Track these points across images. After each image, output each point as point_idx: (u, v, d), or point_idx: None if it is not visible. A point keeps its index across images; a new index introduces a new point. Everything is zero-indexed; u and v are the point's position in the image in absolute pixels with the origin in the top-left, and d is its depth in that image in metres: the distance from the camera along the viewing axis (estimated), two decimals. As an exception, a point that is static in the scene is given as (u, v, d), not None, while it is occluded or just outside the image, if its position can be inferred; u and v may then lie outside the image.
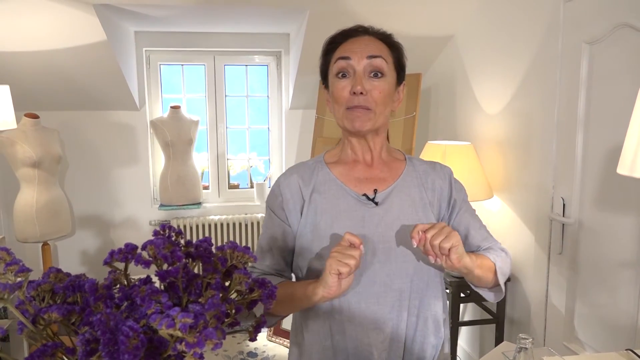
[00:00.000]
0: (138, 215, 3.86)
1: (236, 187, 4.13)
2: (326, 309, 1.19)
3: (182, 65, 3.90)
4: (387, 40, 1.22)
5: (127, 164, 3.80)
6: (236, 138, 4.09)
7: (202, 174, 4.06)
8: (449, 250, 1.04)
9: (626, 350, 1.27)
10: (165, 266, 0.80)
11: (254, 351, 3.33)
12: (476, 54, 2.95)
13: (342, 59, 1.17)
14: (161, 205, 3.81)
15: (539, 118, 2.37)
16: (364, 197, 1.20)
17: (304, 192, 1.24)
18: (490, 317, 2.68)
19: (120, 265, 0.89)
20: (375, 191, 1.21)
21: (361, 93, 1.14)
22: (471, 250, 1.27)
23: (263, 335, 3.47)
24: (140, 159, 3.81)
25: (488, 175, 2.74)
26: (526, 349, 0.98)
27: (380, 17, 2.93)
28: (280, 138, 4.02)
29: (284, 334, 3.41)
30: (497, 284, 1.22)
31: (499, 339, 2.61)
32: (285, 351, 3.33)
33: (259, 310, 0.94)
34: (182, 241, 0.88)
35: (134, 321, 0.73)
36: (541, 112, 2.36)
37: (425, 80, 3.53)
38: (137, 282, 0.86)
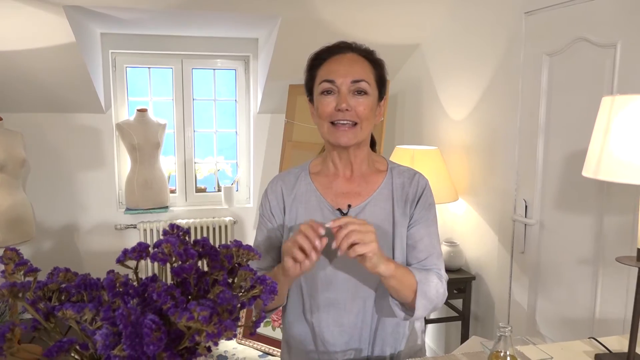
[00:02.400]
0: (103, 219, 3.80)
1: (203, 190, 4.13)
2: (300, 312, 1.31)
3: (149, 68, 3.87)
4: (369, 57, 1.27)
5: (92, 168, 3.74)
6: (203, 142, 4.09)
7: (169, 177, 4.04)
8: (362, 255, 1.07)
9: (589, 338, 1.38)
10: (178, 263, 0.84)
11: (223, 354, 3.34)
12: (442, 62, 3.07)
13: (327, 81, 1.22)
14: (127, 209, 3.77)
15: (502, 124, 2.51)
16: (338, 212, 1.27)
17: (286, 199, 1.32)
18: (455, 314, 2.80)
19: (124, 265, 0.92)
20: (349, 206, 1.28)
21: (346, 110, 1.19)
22: (411, 263, 1.27)
23: (215, 345, 3.47)
24: (105, 162, 3.76)
25: (453, 178, 2.86)
26: (506, 336, 1.06)
27: (349, 26, 3.01)
28: (248, 142, 4.05)
29: (254, 337, 3.43)
30: (413, 304, 1.19)
31: (464, 336, 2.73)
32: (255, 353, 3.35)
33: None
34: (190, 240, 0.92)
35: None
36: (504, 119, 2.49)
37: (392, 87, 3.64)
38: (144, 280, 0.89)
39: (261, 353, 3.35)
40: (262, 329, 3.41)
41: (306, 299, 1.29)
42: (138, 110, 3.71)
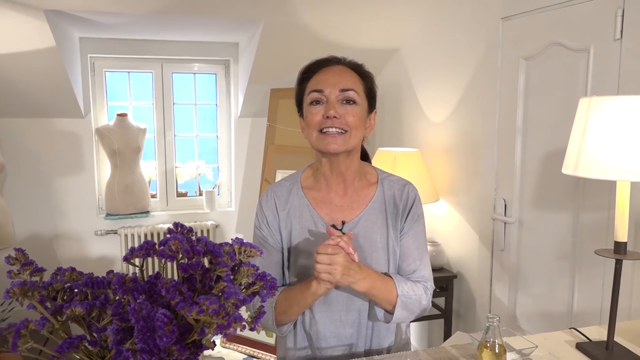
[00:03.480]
0: (83, 225, 3.75)
1: (184, 195, 4.12)
2: (300, 323, 1.35)
3: (128, 72, 3.85)
4: (358, 70, 1.30)
5: (71, 173, 3.70)
6: (184, 146, 4.09)
7: (150, 182, 4.02)
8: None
9: (570, 329, 1.45)
10: (185, 260, 0.86)
11: (207, 357, 3.34)
12: (421, 66, 3.14)
13: (316, 91, 1.25)
14: (107, 215, 3.74)
15: (481, 126, 2.58)
16: (333, 228, 1.29)
17: (281, 214, 1.34)
18: (438, 312, 2.86)
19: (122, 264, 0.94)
20: (343, 223, 1.31)
21: (334, 117, 1.22)
22: (401, 274, 1.33)
23: (216, 341, 3.48)
24: (85, 167, 3.72)
25: (434, 179, 2.93)
26: (494, 326, 1.11)
27: (331, 30, 3.06)
28: (229, 146, 4.06)
29: (238, 339, 3.44)
30: (393, 311, 1.26)
31: (447, 333, 2.79)
32: (239, 356, 3.36)
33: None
34: (193, 238, 0.95)
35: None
36: (483, 121, 2.57)
37: (371, 91, 3.70)
38: (148, 278, 0.92)
39: (245, 356, 3.36)
40: (247, 332, 3.42)
41: (305, 312, 1.33)
42: (118, 114, 3.69)
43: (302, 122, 1.33)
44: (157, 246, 0.88)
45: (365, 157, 1.43)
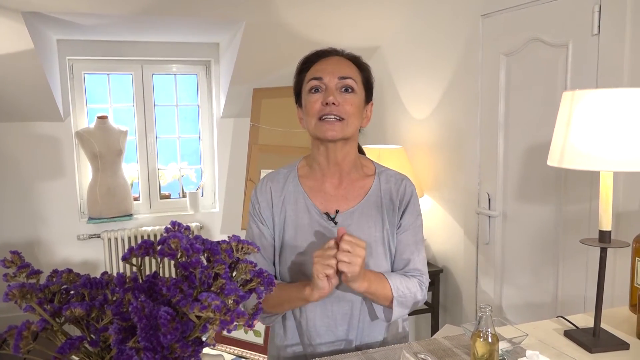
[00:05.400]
0: (65, 230, 3.70)
1: (167, 197, 4.09)
2: (291, 315, 1.36)
3: (108, 74, 3.81)
4: (356, 61, 1.33)
5: (51, 177, 3.65)
6: (166, 148, 4.06)
7: (132, 184, 3.98)
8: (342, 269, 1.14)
9: (557, 317, 1.48)
10: (184, 258, 0.87)
11: None
12: (402, 64, 3.17)
13: (315, 79, 1.27)
14: (90, 219, 3.70)
15: (464, 122, 2.62)
16: (326, 216, 1.30)
17: (275, 201, 1.34)
18: (425, 307, 2.89)
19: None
20: (336, 212, 1.31)
21: (333, 103, 1.23)
22: (396, 269, 1.34)
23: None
24: (65, 171, 3.67)
25: (418, 176, 2.96)
26: (487, 316, 1.14)
27: (312, 29, 3.08)
28: (212, 146, 4.05)
29: (226, 340, 3.43)
30: (390, 306, 1.27)
31: (434, 327, 2.82)
32: (228, 357, 3.35)
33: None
34: (190, 236, 0.95)
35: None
36: (465, 117, 2.60)
37: (353, 89, 3.72)
38: (146, 277, 0.92)
39: (234, 357, 3.35)
40: (235, 333, 3.41)
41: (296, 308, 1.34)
42: (98, 117, 3.65)
43: (299, 112, 1.35)
44: (155, 245, 0.88)
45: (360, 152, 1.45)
